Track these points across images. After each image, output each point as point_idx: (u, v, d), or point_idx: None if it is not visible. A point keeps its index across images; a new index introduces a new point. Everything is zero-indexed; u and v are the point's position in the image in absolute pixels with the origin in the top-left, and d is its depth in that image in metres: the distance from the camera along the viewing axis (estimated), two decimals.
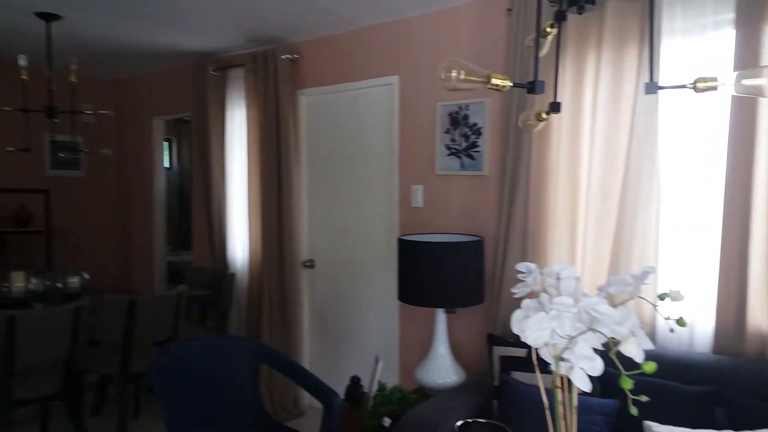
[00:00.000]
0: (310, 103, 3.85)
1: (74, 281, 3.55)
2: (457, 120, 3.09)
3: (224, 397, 2.39)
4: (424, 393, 2.75)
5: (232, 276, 4.10)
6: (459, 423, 1.95)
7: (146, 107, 5.10)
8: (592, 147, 2.51)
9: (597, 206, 2.50)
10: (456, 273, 2.55)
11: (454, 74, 1.25)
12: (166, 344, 3.46)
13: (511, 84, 1.29)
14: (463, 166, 3.08)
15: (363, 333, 3.62)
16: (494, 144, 2.96)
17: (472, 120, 3.03)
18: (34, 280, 3.42)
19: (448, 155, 3.14)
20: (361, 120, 3.58)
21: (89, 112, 3.61)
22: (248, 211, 4.01)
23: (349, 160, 3.65)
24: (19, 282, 3.35)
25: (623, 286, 1.14)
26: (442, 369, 2.69)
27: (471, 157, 3.05)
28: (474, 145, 3.03)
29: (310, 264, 3.87)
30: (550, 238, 2.63)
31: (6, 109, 3.36)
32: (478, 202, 3.03)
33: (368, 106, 3.53)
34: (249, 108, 3.94)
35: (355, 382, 2.72)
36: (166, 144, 6.29)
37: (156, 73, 4.98)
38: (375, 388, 2.63)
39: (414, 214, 3.29)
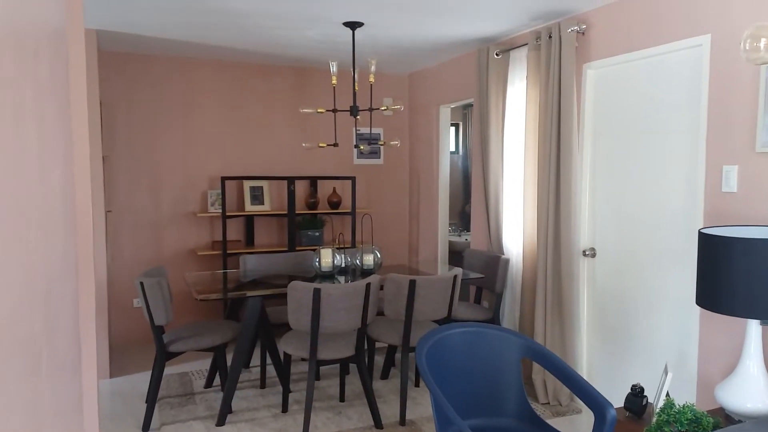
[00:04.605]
0: (596, 76, 3.51)
1: (369, 258, 3.98)
2: None
3: (487, 385, 2.36)
4: (726, 417, 2.26)
5: (507, 261, 4.05)
6: None
7: (434, 96, 5.39)
8: None
9: None
10: None
11: (763, 43, 0.94)
12: (442, 322, 3.62)
13: None
14: None
15: (651, 336, 3.17)
16: None
17: None
18: (338, 257, 3.94)
19: None
20: (657, 91, 3.11)
21: (383, 108, 3.95)
22: (524, 195, 3.89)
23: (641, 137, 3.21)
24: (327, 258, 3.90)
25: None
26: (752, 391, 2.16)
27: None
28: None
29: (590, 253, 3.56)
30: None
31: (320, 111, 3.90)
32: None
33: (667, 74, 3.04)
34: (529, 87, 3.81)
35: (638, 392, 2.39)
36: (452, 129, 6.57)
37: (442, 64, 5.22)
38: (661, 402, 2.26)
39: (724, 200, 2.71)
